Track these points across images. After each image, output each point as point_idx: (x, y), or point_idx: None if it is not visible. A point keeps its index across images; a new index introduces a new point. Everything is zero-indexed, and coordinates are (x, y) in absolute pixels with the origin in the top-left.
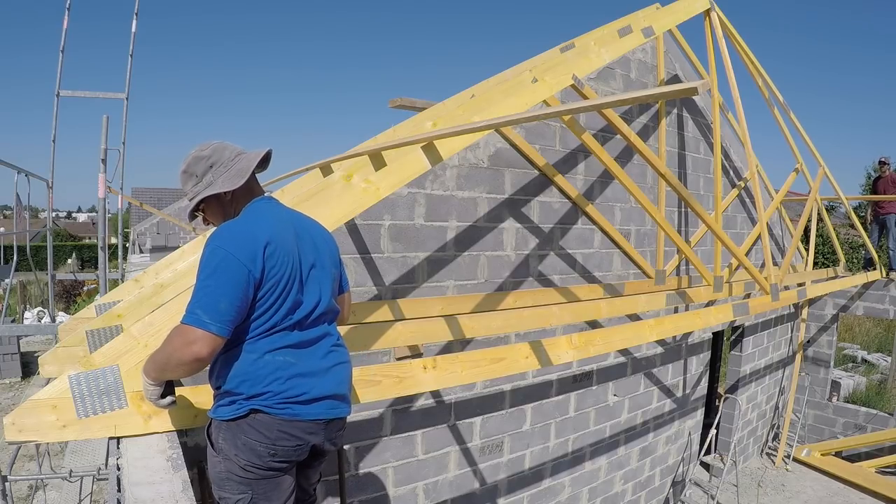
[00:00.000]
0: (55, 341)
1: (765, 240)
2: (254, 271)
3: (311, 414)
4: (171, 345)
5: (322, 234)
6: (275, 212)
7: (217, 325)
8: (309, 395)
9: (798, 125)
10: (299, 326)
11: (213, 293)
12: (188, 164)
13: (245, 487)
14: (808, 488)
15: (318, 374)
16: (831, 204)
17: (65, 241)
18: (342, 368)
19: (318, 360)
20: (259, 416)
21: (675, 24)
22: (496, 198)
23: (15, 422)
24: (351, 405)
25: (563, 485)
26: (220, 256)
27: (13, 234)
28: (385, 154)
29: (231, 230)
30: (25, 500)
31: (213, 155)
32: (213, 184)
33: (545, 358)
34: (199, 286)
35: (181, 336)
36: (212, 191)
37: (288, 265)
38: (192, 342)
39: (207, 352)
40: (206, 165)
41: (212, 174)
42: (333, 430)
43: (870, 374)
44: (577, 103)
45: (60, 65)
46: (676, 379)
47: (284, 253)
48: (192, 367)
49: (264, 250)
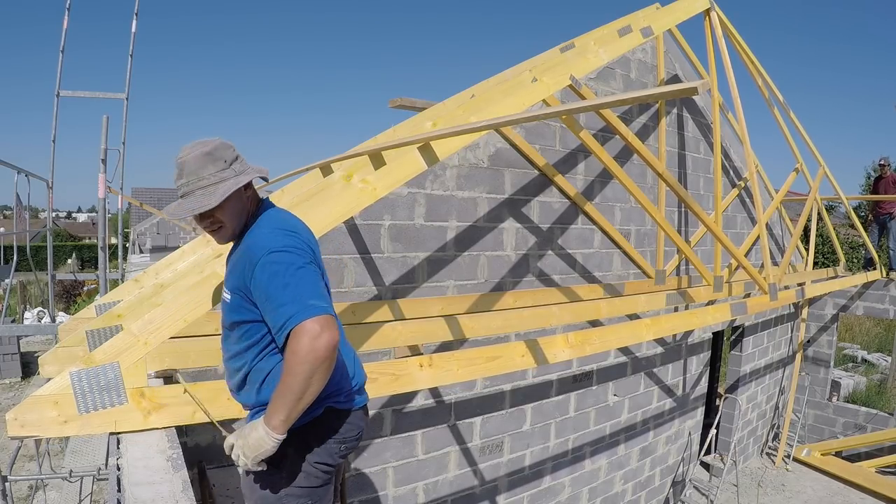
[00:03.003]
0: (55, 341)
1: (763, 240)
2: (318, 260)
3: (363, 400)
4: (299, 353)
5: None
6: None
7: (330, 307)
8: (360, 382)
9: (798, 125)
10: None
11: (309, 282)
12: (215, 147)
13: (305, 499)
14: (808, 488)
15: (357, 360)
16: (831, 204)
17: (65, 241)
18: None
19: (350, 346)
20: (333, 413)
21: (674, 24)
22: (496, 198)
23: (17, 417)
24: None
25: (563, 485)
26: (299, 248)
27: (13, 234)
28: (385, 154)
29: (285, 223)
30: (25, 500)
31: (234, 147)
32: (246, 171)
33: (541, 356)
34: (290, 282)
35: (305, 335)
36: (248, 177)
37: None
38: (320, 333)
39: (337, 335)
40: (234, 154)
41: (240, 163)
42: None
43: (870, 374)
44: (576, 103)
45: (60, 65)
46: (676, 379)
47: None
48: (331, 362)
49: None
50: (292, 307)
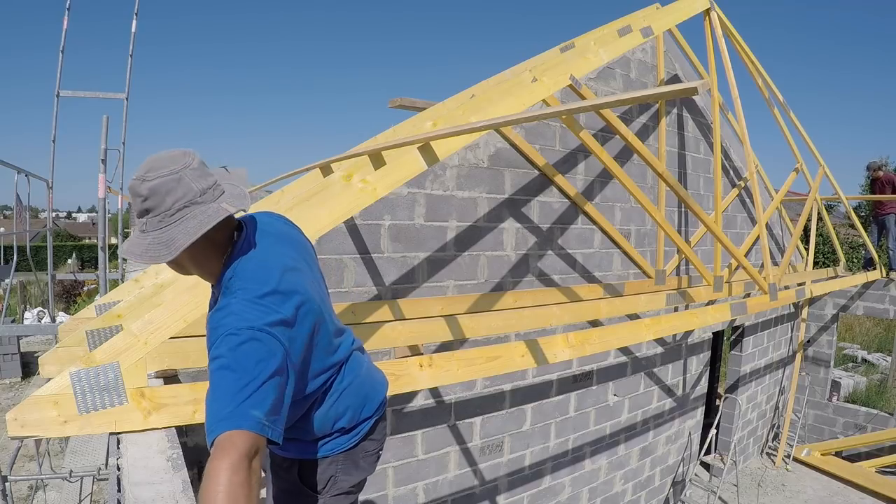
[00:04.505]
0: (55, 341)
1: (763, 240)
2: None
3: (385, 403)
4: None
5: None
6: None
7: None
8: (385, 383)
9: (798, 125)
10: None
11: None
12: (183, 166)
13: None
14: (809, 488)
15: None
16: (831, 204)
17: (65, 241)
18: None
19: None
20: (379, 426)
21: (674, 24)
22: (496, 198)
23: (17, 417)
24: None
25: (563, 485)
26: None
27: (13, 235)
28: (385, 154)
29: (262, 280)
30: (25, 500)
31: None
32: (213, 204)
33: (541, 356)
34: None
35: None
36: (215, 218)
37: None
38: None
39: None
40: (201, 181)
41: (211, 192)
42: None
43: (870, 374)
44: (576, 103)
45: (60, 65)
46: (676, 379)
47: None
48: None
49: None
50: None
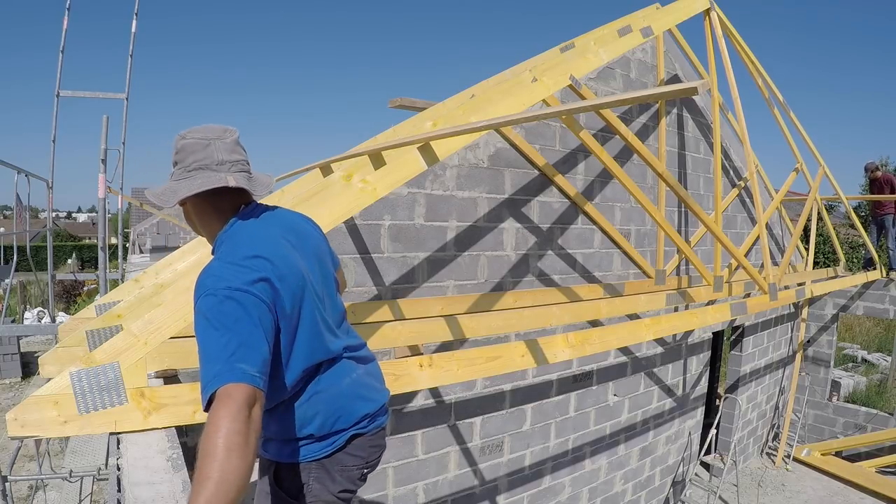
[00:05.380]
0: (55, 341)
1: (763, 240)
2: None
3: (385, 419)
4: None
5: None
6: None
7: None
8: (384, 400)
9: (798, 124)
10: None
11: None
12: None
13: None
14: (809, 488)
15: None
16: (831, 204)
17: (65, 241)
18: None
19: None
20: (357, 441)
21: (674, 24)
22: (496, 198)
23: (17, 417)
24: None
25: (563, 485)
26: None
27: (13, 235)
28: (385, 154)
29: (247, 246)
30: (25, 500)
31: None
32: (211, 178)
33: (541, 356)
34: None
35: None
36: (196, 188)
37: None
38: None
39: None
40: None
41: (217, 168)
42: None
43: (870, 374)
44: (576, 103)
45: (60, 65)
46: (676, 379)
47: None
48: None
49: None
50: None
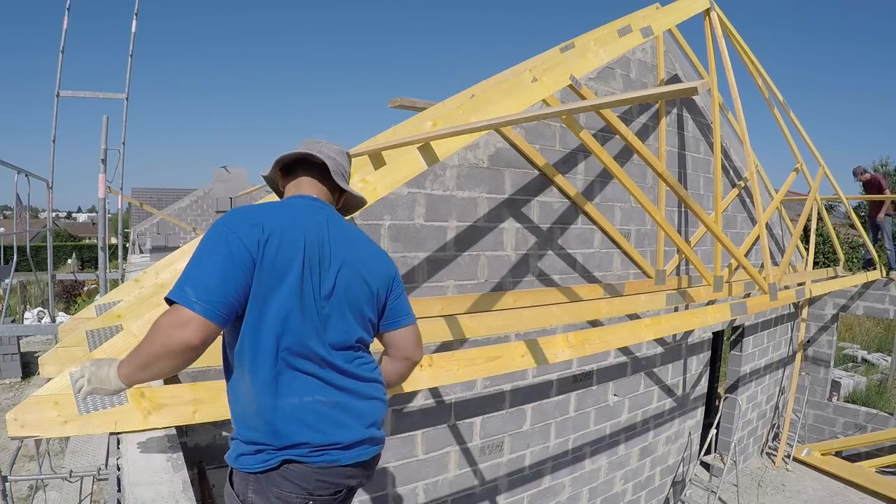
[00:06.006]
0: (55, 341)
1: (763, 240)
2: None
3: (349, 458)
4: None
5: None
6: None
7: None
8: (348, 439)
9: (798, 125)
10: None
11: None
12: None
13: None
14: (809, 488)
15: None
16: (831, 204)
17: (65, 241)
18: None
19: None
20: (293, 467)
21: (674, 24)
22: (496, 198)
23: (17, 417)
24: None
25: (563, 485)
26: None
27: (13, 235)
28: (385, 154)
29: (254, 207)
30: (25, 500)
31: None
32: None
33: (541, 356)
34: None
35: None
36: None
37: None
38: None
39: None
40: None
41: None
42: (371, 467)
43: (870, 373)
44: (576, 103)
45: (60, 65)
46: (676, 379)
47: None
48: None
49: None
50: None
